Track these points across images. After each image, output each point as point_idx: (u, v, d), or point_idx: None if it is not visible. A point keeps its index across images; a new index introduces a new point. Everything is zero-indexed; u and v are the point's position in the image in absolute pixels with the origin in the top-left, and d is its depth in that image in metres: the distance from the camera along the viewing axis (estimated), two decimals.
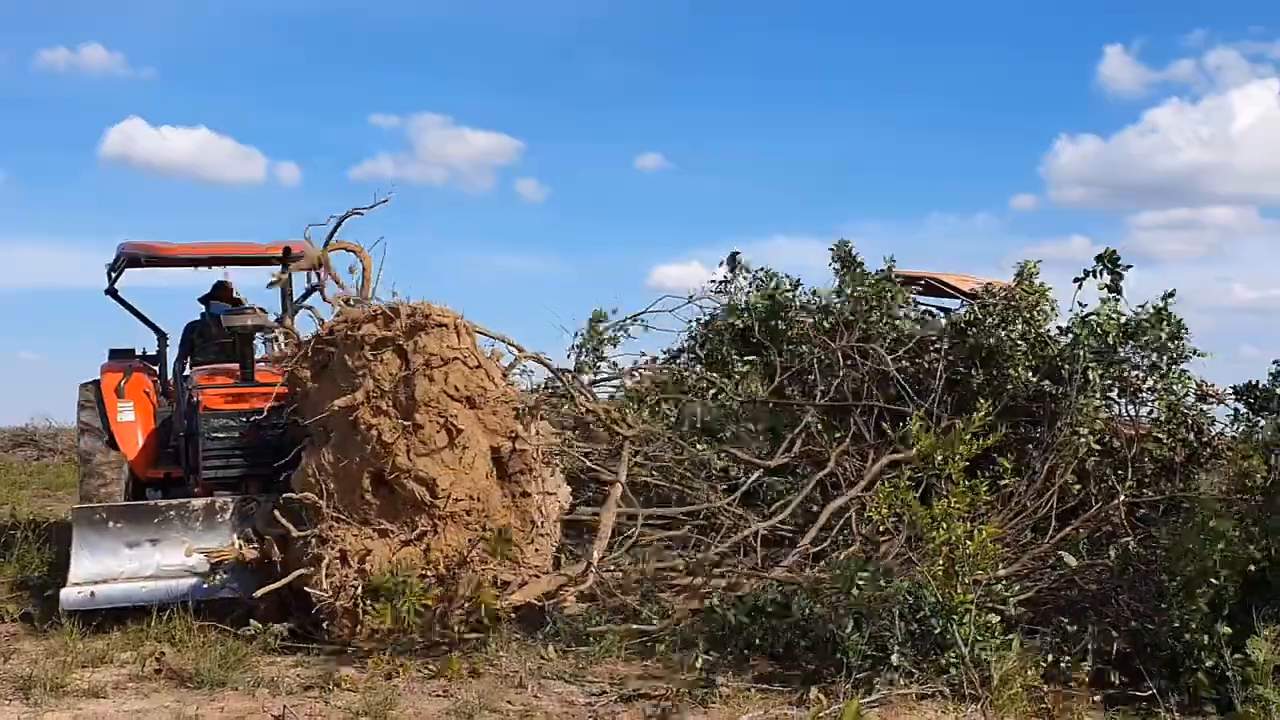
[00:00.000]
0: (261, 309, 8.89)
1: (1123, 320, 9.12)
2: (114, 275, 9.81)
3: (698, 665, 6.09)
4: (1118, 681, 6.04)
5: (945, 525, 3.68)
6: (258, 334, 9.00)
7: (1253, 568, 6.22)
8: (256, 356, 9.13)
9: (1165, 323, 9.05)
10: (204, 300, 10.11)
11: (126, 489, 8.70)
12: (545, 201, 38.86)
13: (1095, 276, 9.23)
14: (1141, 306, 9.23)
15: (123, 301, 9.97)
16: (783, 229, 37.19)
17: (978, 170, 38.15)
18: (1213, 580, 6.00)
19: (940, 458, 3.83)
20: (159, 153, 40.04)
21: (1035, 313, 9.61)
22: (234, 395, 8.44)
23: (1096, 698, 5.94)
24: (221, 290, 10.14)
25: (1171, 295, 9.15)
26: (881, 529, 6.61)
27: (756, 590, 7.10)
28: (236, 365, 8.85)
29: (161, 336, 10.13)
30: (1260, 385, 8.18)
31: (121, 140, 39.39)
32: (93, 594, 7.13)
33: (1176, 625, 5.99)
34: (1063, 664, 6.13)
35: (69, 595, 7.07)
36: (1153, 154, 37.78)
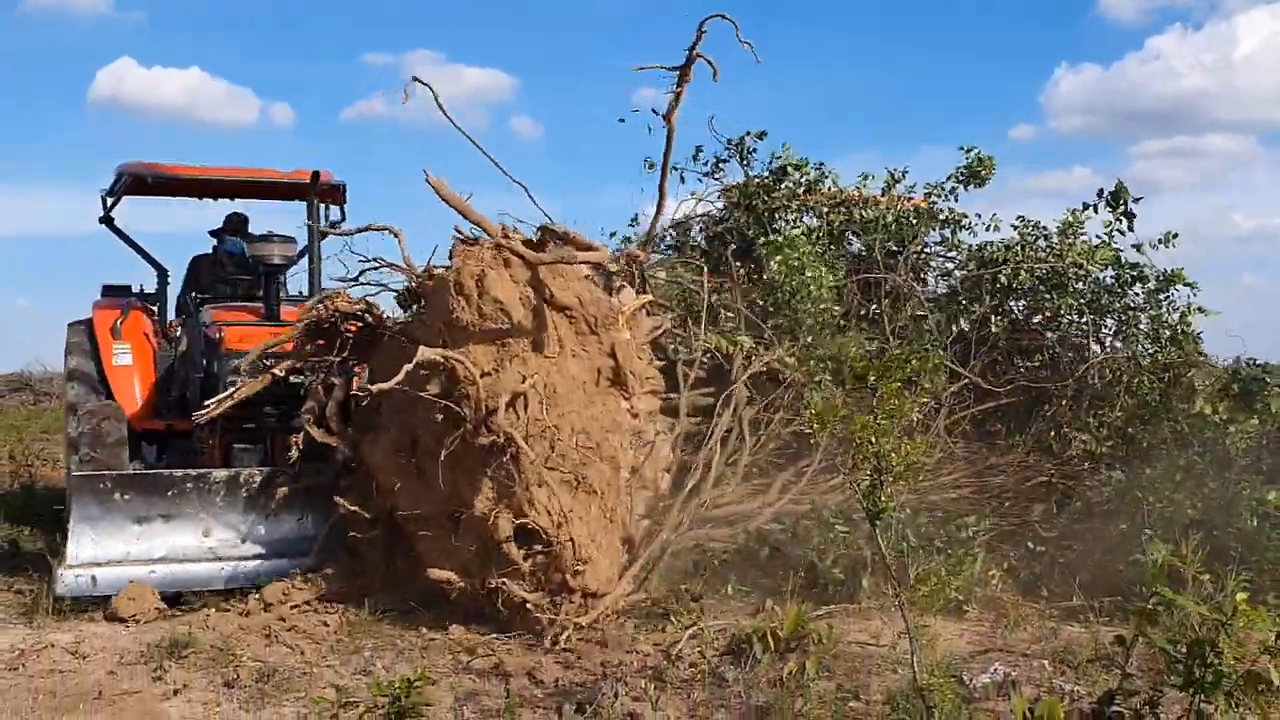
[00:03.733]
0: (290, 238, 8.12)
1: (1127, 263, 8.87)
2: (111, 201, 8.94)
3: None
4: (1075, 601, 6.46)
5: (875, 438, 3.99)
6: (287, 268, 8.16)
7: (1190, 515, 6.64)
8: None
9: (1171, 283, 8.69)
10: (216, 234, 9.29)
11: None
12: (540, 139, 38.90)
13: (1095, 212, 8.99)
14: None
15: (119, 232, 9.07)
16: None
17: (976, 100, 38.08)
18: (1149, 531, 6.40)
19: (874, 377, 4.12)
20: (150, 94, 40.05)
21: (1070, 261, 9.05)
22: (257, 335, 7.50)
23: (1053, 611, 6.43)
24: (236, 223, 9.27)
25: (1174, 237, 8.82)
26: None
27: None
28: (253, 303, 8.16)
29: (162, 273, 9.24)
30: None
31: (112, 82, 39.36)
32: (94, 579, 6.28)
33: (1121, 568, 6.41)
34: (1021, 577, 6.75)
35: (66, 579, 6.24)
36: (1154, 81, 37.68)
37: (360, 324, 7.02)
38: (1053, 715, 3.63)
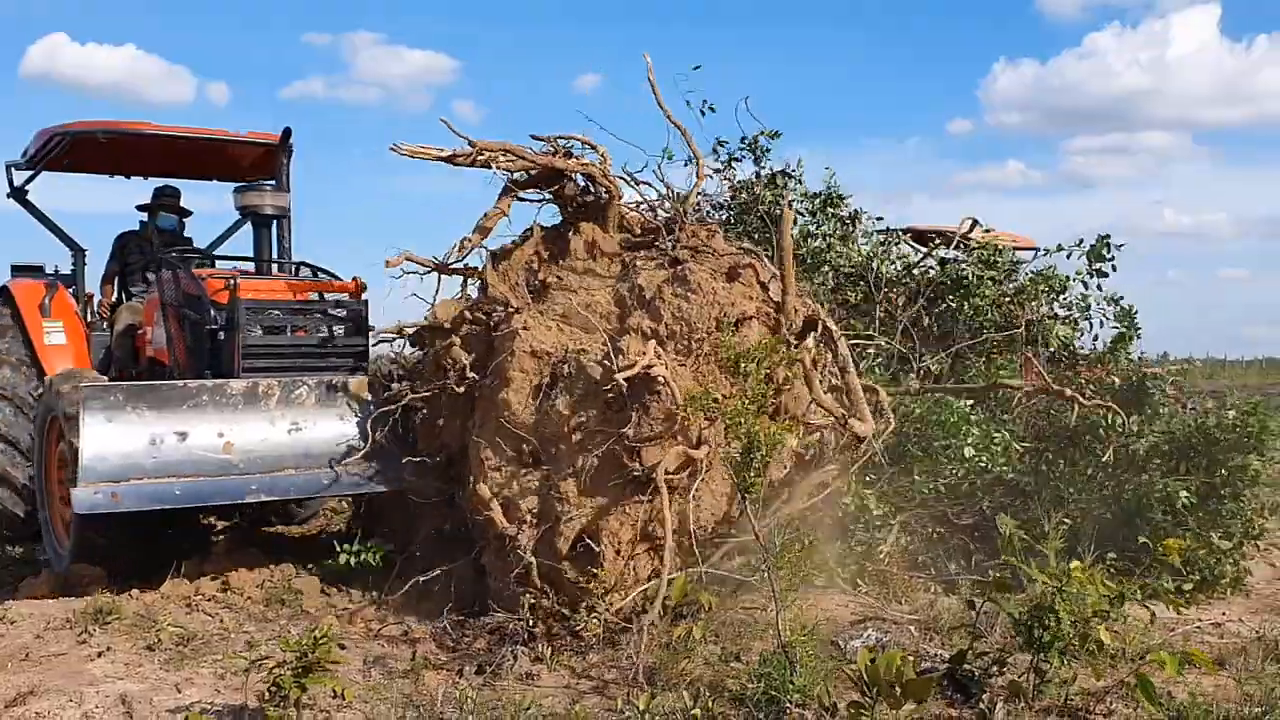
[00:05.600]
0: (282, 189, 7.65)
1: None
2: (30, 173, 8.36)
3: None
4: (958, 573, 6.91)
5: (743, 419, 4.38)
6: (277, 219, 7.65)
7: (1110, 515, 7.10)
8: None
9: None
10: (146, 209, 8.75)
11: None
12: (483, 123, 39.03)
13: (1069, 257, 9.14)
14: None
15: (31, 206, 8.46)
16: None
17: (913, 95, 38.86)
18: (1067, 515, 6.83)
19: (744, 366, 4.52)
20: (84, 70, 39.65)
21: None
22: (266, 287, 7.21)
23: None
24: (168, 198, 8.75)
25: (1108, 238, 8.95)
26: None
27: None
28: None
29: (79, 252, 8.63)
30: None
31: (44, 57, 38.88)
32: (115, 495, 5.81)
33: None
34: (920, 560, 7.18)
35: (85, 496, 5.75)
36: (1090, 78, 38.74)
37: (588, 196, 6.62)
38: (891, 664, 4.05)
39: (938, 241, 10.57)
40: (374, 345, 7.19)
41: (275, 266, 8.09)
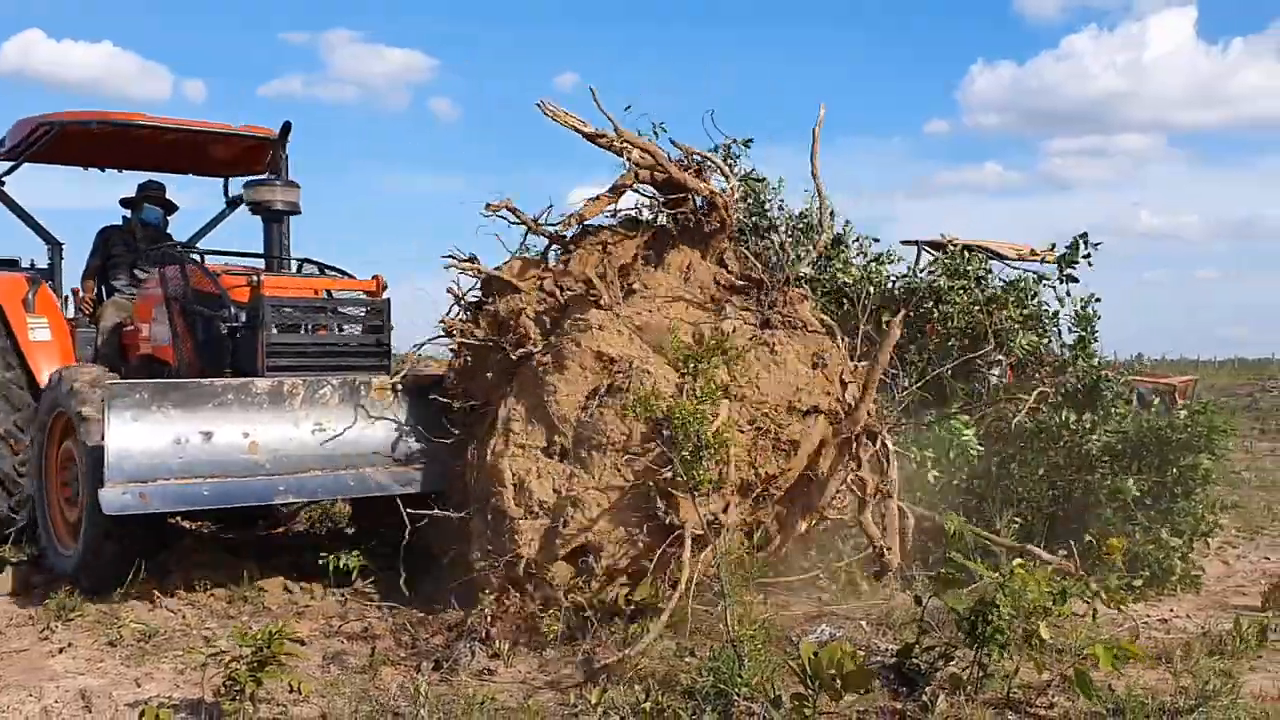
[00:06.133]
0: (294, 183, 7.55)
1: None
2: (9, 165, 8.20)
3: None
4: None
5: (695, 418, 4.47)
6: (290, 214, 7.55)
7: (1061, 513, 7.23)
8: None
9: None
10: (128, 203, 8.62)
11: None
12: (460, 121, 39.09)
13: (1042, 262, 9.30)
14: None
15: (6, 199, 8.30)
16: None
17: (892, 95, 39.09)
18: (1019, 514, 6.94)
19: (694, 365, 4.61)
20: (60, 67, 39.53)
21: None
22: (288, 284, 7.11)
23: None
24: (153, 191, 8.61)
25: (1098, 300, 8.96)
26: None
27: None
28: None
29: (56, 246, 8.38)
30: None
31: (19, 53, 38.76)
32: (142, 495, 5.64)
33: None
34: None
35: (113, 497, 5.56)
36: (1068, 80, 39.11)
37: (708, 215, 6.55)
38: (833, 657, 4.15)
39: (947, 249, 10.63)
40: (445, 269, 6.80)
41: (280, 263, 7.93)
